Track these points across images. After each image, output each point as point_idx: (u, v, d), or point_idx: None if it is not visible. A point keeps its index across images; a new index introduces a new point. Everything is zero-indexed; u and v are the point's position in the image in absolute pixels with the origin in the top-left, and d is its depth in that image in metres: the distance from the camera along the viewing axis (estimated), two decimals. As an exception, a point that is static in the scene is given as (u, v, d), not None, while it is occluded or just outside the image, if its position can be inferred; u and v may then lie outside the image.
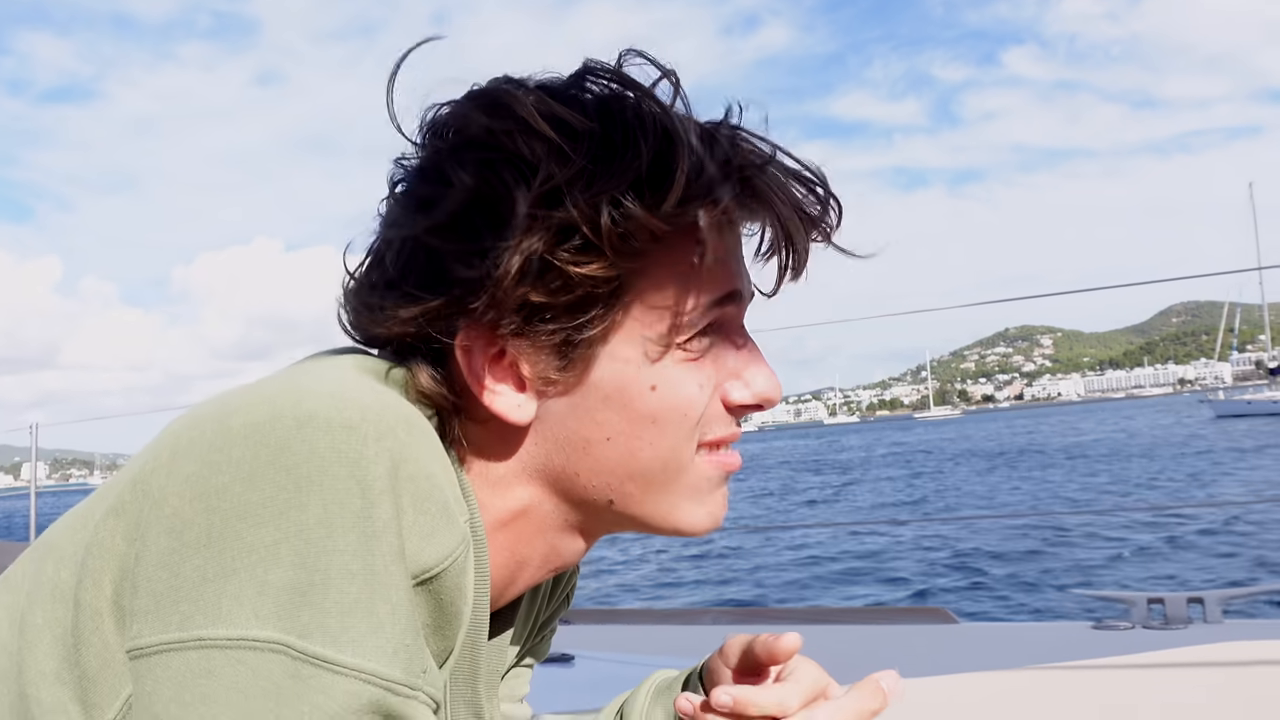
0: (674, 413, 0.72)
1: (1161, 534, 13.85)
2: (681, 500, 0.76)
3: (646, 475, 0.74)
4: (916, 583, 11.98)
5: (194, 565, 0.56)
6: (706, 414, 0.74)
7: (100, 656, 0.61)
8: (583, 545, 0.80)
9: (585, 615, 3.80)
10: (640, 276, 0.70)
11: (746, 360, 0.77)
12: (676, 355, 0.72)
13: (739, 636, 0.85)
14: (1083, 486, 24.37)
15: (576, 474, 0.74)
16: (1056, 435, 60.34)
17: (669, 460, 0.74)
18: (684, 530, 0.77)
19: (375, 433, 0.60)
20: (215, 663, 0.54)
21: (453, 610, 0.65)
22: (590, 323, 0.69)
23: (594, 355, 0.71)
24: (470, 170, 0.68)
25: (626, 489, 0.74)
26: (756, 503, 28.04)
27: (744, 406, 0.77)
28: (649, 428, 0.72)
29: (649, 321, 0.71)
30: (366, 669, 0.56)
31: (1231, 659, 2.51)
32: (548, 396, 0.72)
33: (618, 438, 0.72)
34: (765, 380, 0.77)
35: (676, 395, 0.72)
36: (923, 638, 3.15)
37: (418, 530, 0.61)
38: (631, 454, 0.73)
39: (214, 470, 0.58)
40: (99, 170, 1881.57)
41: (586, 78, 0.71)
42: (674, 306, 0.71)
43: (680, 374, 0.72)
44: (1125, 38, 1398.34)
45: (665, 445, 0.73)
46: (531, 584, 0.82)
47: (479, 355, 0.70)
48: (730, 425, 0.77)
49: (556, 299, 0.68)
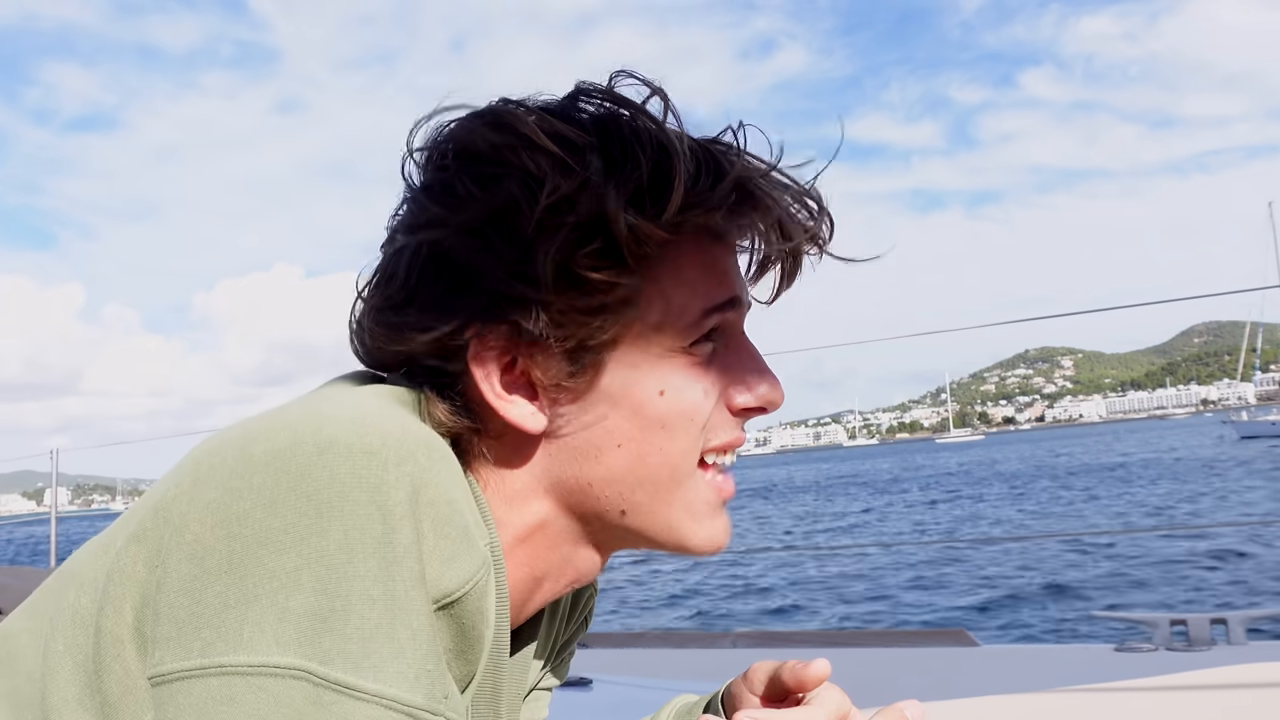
0: (681, 417, 0.74)
1: (1185, 554, 13.72)
2: (685, 517, 0.77)
3: (655, 482, 0.75)
4: (938, 604, 11.89)
5: (215, 592, 0.56)
6: (712, 419, 0.76)
7: (122, 683, 0.61)
8: (598, 560, 0.81)
9: (604, 639, 3.79)
10: (647, 283, 0.72)
11: (749, 365, 0.78)
12: (682, 361, 0.74)
13: (766, 663, 0.84)
14: (1098, 509, 24.14)
15: (590, 484, 0.75)
16: (1089, 456, 59.77)
17: (676, 466, 0.75)
18: (689, 546, 0.78)
19: (396, 458, 0.61)
20: (237, 690, 0.54)
21: (474, 634, 0.66)
22: (601, 329, 0.70)
23: (603, 362, 0.72)
24: (480, 184, 0.70)
25: (637, 498, 0.75)
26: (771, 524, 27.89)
27: (748, 410, 0.78)
28: (658, 433, 0.74)
29: (655, 327, 0.73)
30: (388, 695, 0.56)
31: (1255, 681, 2.48)
32: (559, 405, 0.73)
33: (628, 444, 0.74)
34: (768, 384, 0.78)
35: (683, 400, 0.74)
36: (943, 660, 3.13)
37: (438, 555, 0.61)
38: (641, 459, 0.74)
39: (235, 497, 0.59)
40: (122, 198, 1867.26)
41: (581, 98, 0.73)
42: (678, 312, 0.73)
43: (686, 379, 0.74)
44: (1143, 57, 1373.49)
45: (674, 450, 0.74)
46: (549, 599, 0.83)
47: (493, 366, 0.72)
48: (735, 429, 0.78)
49: (574, 305, 0.69)
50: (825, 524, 27.80)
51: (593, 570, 0.82)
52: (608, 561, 0.84)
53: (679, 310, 0.73)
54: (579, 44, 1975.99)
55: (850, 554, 16.84)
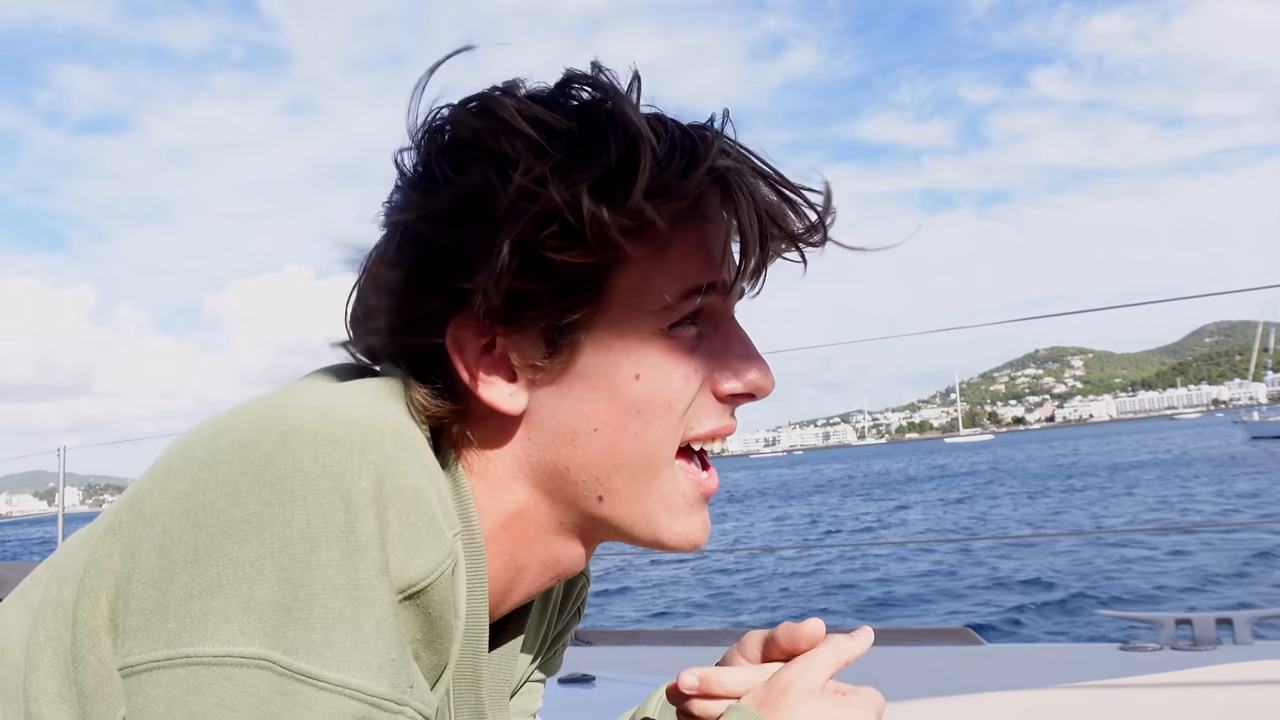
0: (658, 402, 0.73)
1: (1191, 553, 13.68)
2: (661, 508, 0.76)
3: (631, 468, 0.74)
4: (944, 602, 11.87)
5: (181, 582, 0.57)
6: (695, 406, 0.75)
7: (97, 675, 0.61)
8: (581, 551, 0.81)
9: (606, 636, 3.78)
10: (622, 265, 0.71)
11: (737, 351, 0.77)
12: (661, 344, 0.73)
13: (758, 632, 0.84)
14: (1106, 507, 24.07)
15: (567, 468, 0.74)
16: (1099, 455, 59.60)
17: (653, 454, 0.74)
18: (663, 540, 0.77)
19: (360, 446, 0.61)
20: (202, 680, 0.55)
21: (442, 624, 0.65)
22: (573, 309, 0.71)
23: (579, 343, 0.72)
24: (455, 168, 0.71)
25: (614, 484, 0.75)
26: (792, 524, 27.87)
27: (735, 396, 0.77)
28: (634, 417, 0.73)
29: (631, 310, 0.72)
30: (351, 685, 0.56)
31: (1260, 680, 2.47)
32: (537, 387, 0.74)
33: (604, 428, 0.73)
34: (756, 370, 0.77)
35: (661, 384, 0.73)
36: (947, 659, 3.12)
37: (403, 544, 0.61)
38: (617, 444, 0.73)
39: (201, 487, 0.59)
40: (133, 200, 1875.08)
41: (571, 85, 0.74)
42: (656, 294, 0.72)
43: (665, 363, 0.73)
44: (1154, 57, 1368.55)
45: (650, 437, 0.74)
46: (533, 591, 0.82)
47: (470, 347, 0.72)
48: (723, 416, 0.77)
49: (540, 286, 0.70)
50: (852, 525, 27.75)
51: (576, 563, 0.81)
52: (593, 554, 0.83)
53: (657, 292, 0.72)
54: (588, 45, 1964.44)
55: (857, 551, 16.82)
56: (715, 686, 0.79)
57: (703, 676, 0.79)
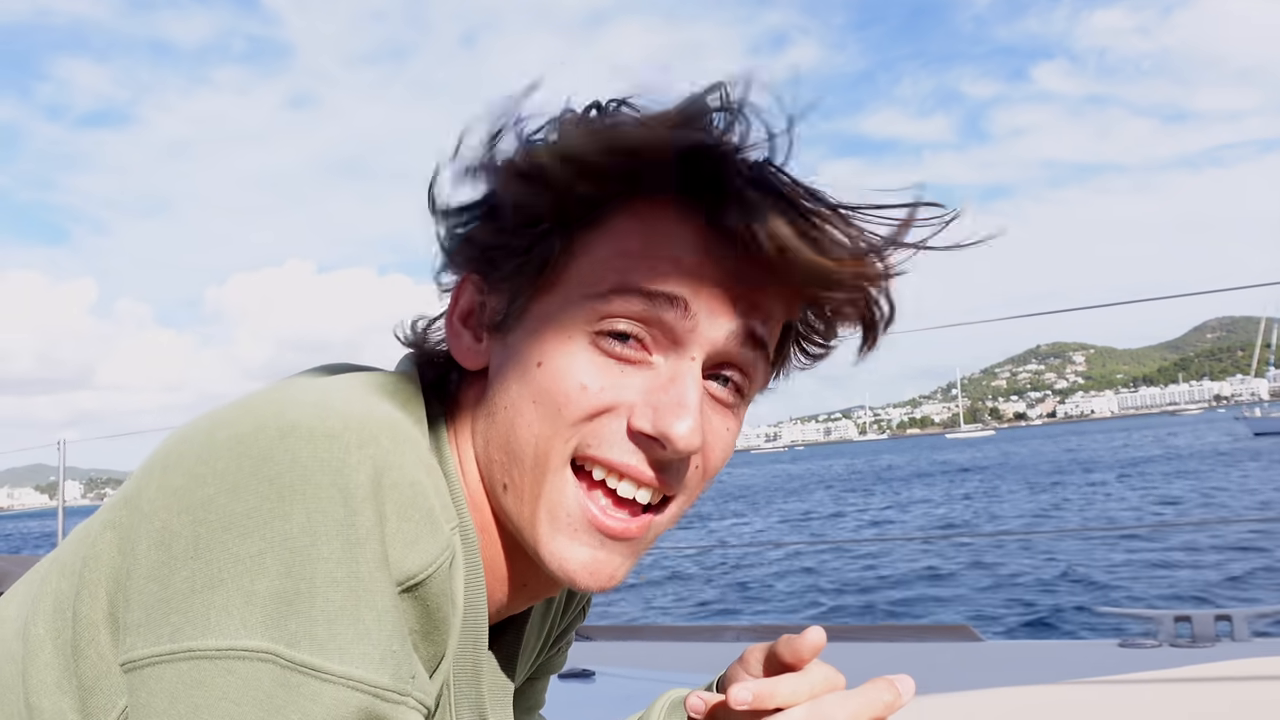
0: (549, 398, 0.70)
1: (1190, 550, 13.67)
2: (545, 516, 0.72)
3: (521, 458, 0.72)
4: (944, 599, 11.87)
5: (182, 577, 0.57)
6: (598, 424, 0.70)
7: (96, 668, 0.62)
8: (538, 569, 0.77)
9: (606, 632, 3.79)
10: (584, 250, 0.72)
11: (670, 393, 0.70)
12: (577, 344, 0.71)
13: (759, 645, 0.83)
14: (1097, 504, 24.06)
15: (488, 444, 0.74)
16: (1099, 452, 59.56)
17: (540, 451, 0.71)
18: (541, 554, 0.73)
19: (358, 440, 0.61)
20: (206, 674, 0.55)
21: (440, 616, 0.65)
22: (528, 274, 0.72)
23: (522, 313, 0.73)
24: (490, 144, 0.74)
25: (513, 474, 0.73)
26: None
27: (641, 434, 0.70)
28: (530, 406, 0.71)
29: (567, 298, 0.71)
30: (354, 676, 0.57)
31: (1258, 676, 2.47)
32: (493, 354, 0.76)
33: (510, 407, 0.72)
34: (677, 419, 0.69)
35: (556, 381, 0.70)
36: (947, 655, 3.12)
37: (401, 538, 0.61)
38: (513, 428, 0.72)
39: (200, 483, 0.59)
40: (134, 194, 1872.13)
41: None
42: (590, 283, 0.71)
43: (569, 362, 0.70)
44: (1156, 51, 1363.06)
45: (540, 432, 0.71)
46: (502, 601, 0.81)
47: (464, 300, 0.78)
48: (627, 453, 0.71)
49: (504, 239, 0.73)
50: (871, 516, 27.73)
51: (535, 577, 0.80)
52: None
53: (592, 281, 0.70)
54: (590, 39, 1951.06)
55: (856, 548, 16.80)
56: (769, 700, 0.73)
57: (757, 692, 0.73)
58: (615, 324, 0.70)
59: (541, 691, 1.05)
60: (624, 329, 0.70)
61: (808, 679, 0.75)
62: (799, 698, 0.74)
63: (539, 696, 1.05)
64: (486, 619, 0.76)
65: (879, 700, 0.73)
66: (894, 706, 0.74)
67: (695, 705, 0.80)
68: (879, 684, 0.74)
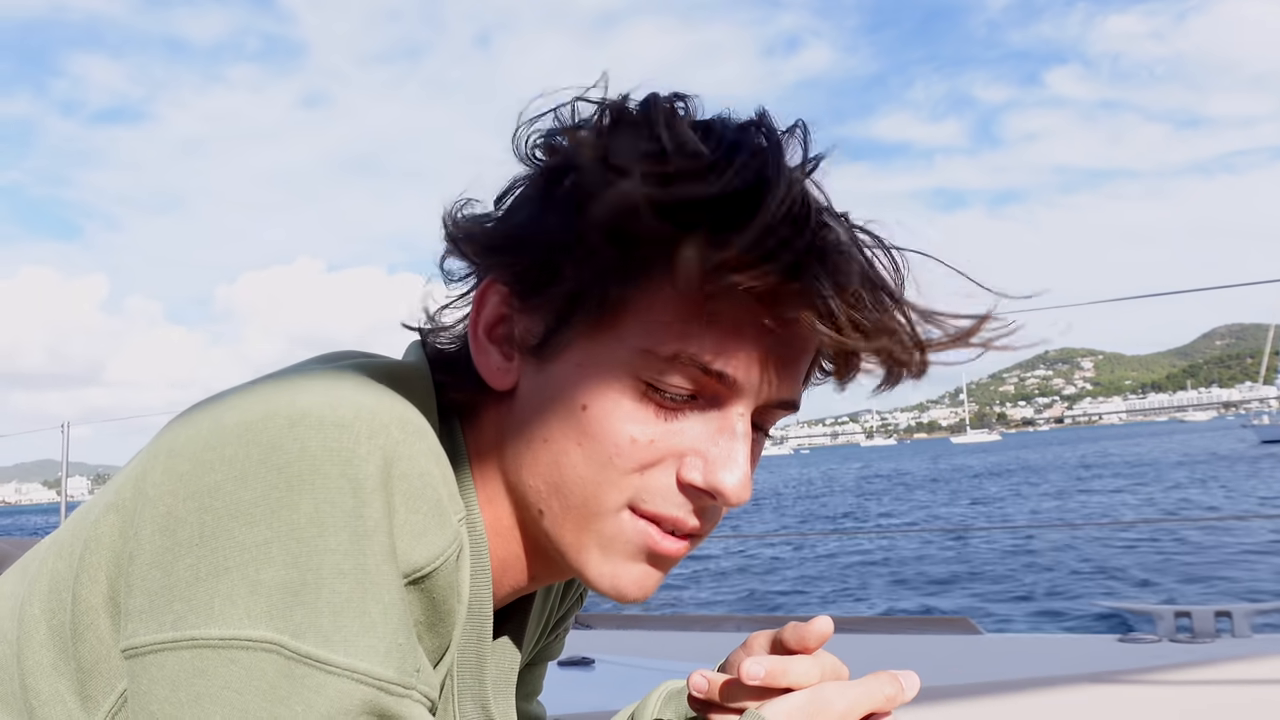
0: (598, 446, 0.69)
1: (1190, 548, 13.65)
2: (593, 546, 0.72)
3: (567, 497, 0.71)
4: (944, 591, 11.87)
5: (187, 564, 0.56)
6: (650, 477, 0.70)
7: (95, 651, 0.61)
8: (550, 563, 0.79)
9: (606, 620, 3.79)
10: (643, 296, 0.67)
11: (721, 446, 0.70)
12: (626, 391, 0.69)
13: (764, 632, 0.82)
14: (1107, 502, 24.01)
15: (521, 468, 0.73)
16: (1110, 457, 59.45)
17: (589, 495, 0.70)
18: (590, 579, 0.74)
19: (368, 430, 0.60)
20: (209, 663, 0.55)
21: (445, 608, 0.65)
22: (581, 306, 0.68)
23: (567, 345, 0.70)
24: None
25: (552, 504, 0.72)
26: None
27: (692, 487, 0.70)
28: (574, 448, 0.69)
29: (621, 338, 0.68)
30: (360, 668, 0.56)
31: (1258, 673, 2.47)
32: (525, 375, 0.73)
33: (552, 443, 0.71)
34: (729, 473, 0.69)
35: (605, 429, 0.69)
36: (946, 648, 3.12)
37: (409, 529, 0.61)
38: (557, 465, 0.70)
39: (207, 469, 0.58)
40: (148, 190, 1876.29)
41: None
42: (651, 336, 0.67)
43: (622, 412, 0.69)
44: (1170, 56, 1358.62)
45: (588, 476, 0.70)
46: (512, 589, 0.81)
47: (489, 309, 0.73)
48: (677, 507, 0.71)
49: (569, 265, 0.68)
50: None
51: (549, 573, 0.81)
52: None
53: (655, 335, 0.67)
54: (603, 40, 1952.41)
55: (859, 539, 16.80)
56: (780, 679, 0.73)
57: (770, 669, 0.73)
58: (669, 383, 0.68)
59: (540, 678, 1.05)
60: (676, 390, 0.69)
61: (819, 663, 0.75)
62: (810, 679, 0.74)
63: (537, 683, 1.05)
64: (491, 611, 0.76)
65: (880, 693, 0.73)
66: (895, 700, 0.74)
67: (699, 684, 0.80)
68: (881, 677, 0.74)
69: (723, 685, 0.79)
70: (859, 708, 0.72)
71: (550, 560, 0.78)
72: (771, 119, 0.69)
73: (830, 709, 0.71)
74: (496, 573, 0.78)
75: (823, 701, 0.72)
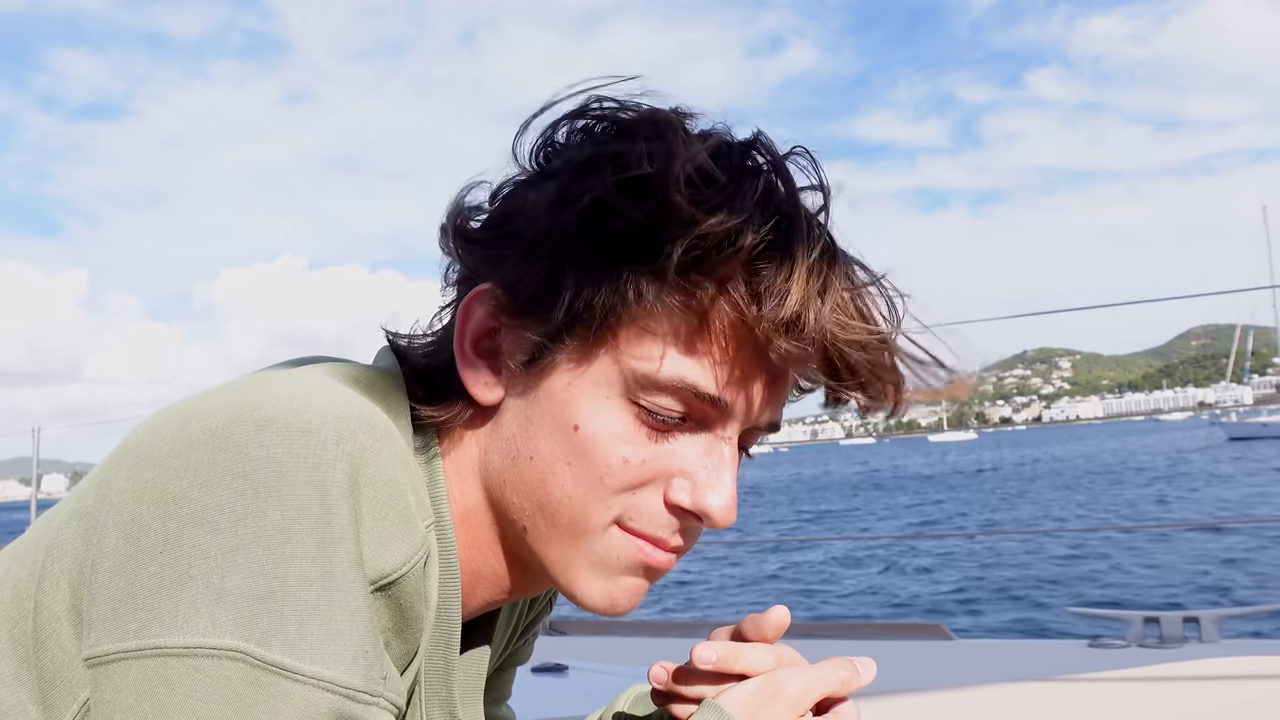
0: (588, 465, 0.69)
1: (1156, 553, 13.77)
2: (582, 563, 0.73)
3: (554, 515, 0.71)
4: (917, 599, 11.92)
5: (150, 572, 0.56)
6: (639, 498, 0.71)
7: (57, 660, 0.61)
8: (528, 576, 0.79)
9: (579, 626, 3.78)
10: (641, 320, 0.68)
11: (708, 468, 0.71)
12: (618, 412, 0.69)
13: (725, 627, 0.82)
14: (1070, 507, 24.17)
15: (504, 483, 0.73)
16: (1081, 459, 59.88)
17: (577, 514, 0.71)
18: (577, 596, 0.74)
19: (335, 437, 0.60)
20: (173, 671, 0.54)
21: (413, 615, 0.65)
22: (571, 327, 0.68)
23: (555, 366, 0.70)
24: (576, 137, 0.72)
25: (537, 521, 0.72)
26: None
27: (679, 508, 0.71)
28: (563, 467, 0.70)
29: (614, 360, 0.69)
30: (325, 676, 0.56)
31: (1225, 676, 2.49)
32: (511, 391, 0.72)
33: (539, 460, 0.71)
34: (716, 495, 0.71)
35: (596, 449, 0.69)
36: (919, 654, 3.13)
37: (376, 536, 0.61)
38: (544, 483, 0.71)
39: (172, 475, 0.58)
40: (128, 186, 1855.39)
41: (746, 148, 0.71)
42: (645, 360, 0.68)
43: (613, 432, 0.69)
44: (1150, 59, 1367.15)
45: (576, 495, 0.70)
46: (490, 600, 0.81)
47: (475, 322, 0.73)
48: (663, 527, 0.72)
49: (562, 284, 0.68)
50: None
51: (523, 586, 0.81)
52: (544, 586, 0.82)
53: (644, 357, 0.68)
54: (588, 39, 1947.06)
55: (828, 546, 16.85)
56: (733, 664, 0.75)
57: (722, 654, 0.75)
58: (661, 405, 0.69)
59: (508, 683, 1.05)
60: (668, 413, 0.70)
61: (774, 652, 0.76)
62: (764, 665, 0.75)
63: (506, 688, 1.05)
64: (460, 617, 0.75)
65: (834, 676, 0.74)
66: (850, 685, 0.75)
67: (658, 675, 0.80)
68: (837, 661, 0.75)
69: (677, 671, 0.79)
70: (814, 691, 0.73)
71: (533, 574, 0.78)
72: (774, 145, 0.71)
73: (785, 693, 0.72)
74: (470, 583, 0.78)
75: (777, 686, 0.72)
